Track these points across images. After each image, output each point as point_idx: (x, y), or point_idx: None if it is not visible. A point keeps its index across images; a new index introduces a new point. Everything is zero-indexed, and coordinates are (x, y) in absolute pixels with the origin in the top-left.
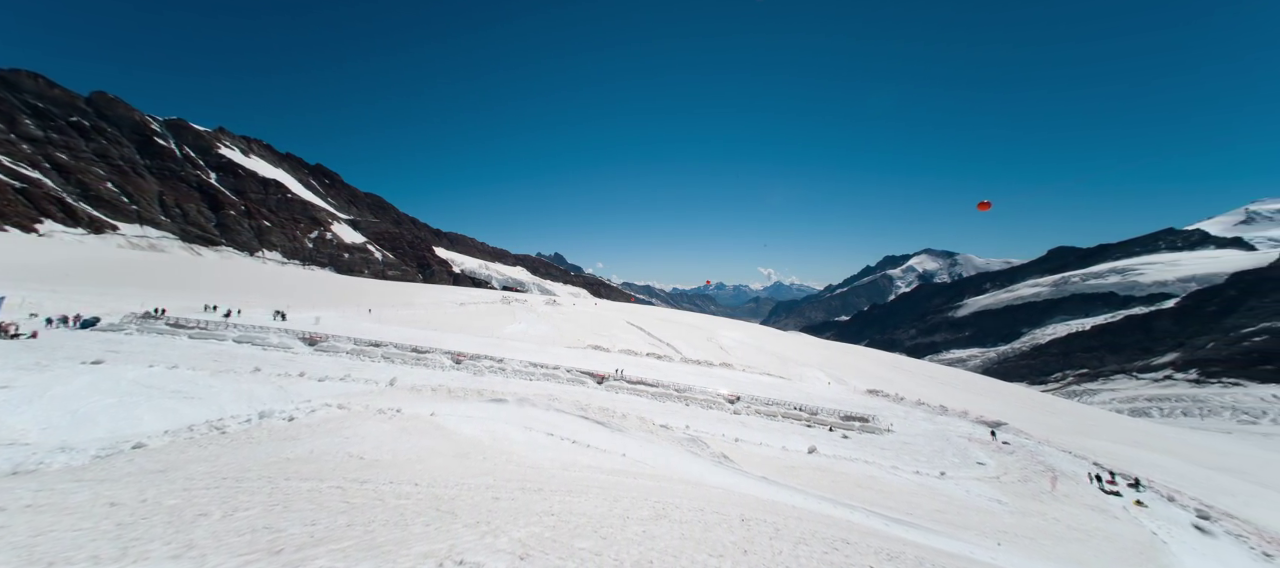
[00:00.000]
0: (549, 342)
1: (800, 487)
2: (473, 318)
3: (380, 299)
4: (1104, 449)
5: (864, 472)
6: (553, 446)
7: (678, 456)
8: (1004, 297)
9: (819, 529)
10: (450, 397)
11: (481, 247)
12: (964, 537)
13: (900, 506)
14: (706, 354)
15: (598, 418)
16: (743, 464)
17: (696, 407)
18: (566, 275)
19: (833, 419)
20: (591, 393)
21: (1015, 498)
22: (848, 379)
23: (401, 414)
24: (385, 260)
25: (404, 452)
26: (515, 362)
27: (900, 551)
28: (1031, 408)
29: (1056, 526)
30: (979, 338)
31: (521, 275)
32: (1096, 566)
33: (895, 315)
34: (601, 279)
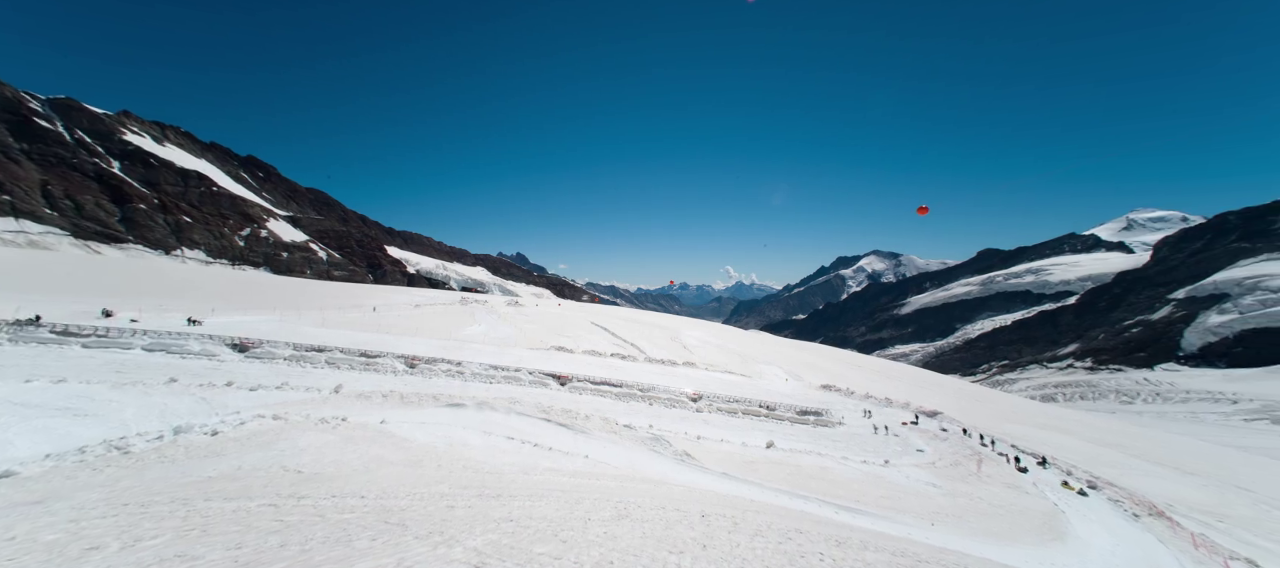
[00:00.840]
0: (510, 343)
1: (759, 481)
2: (429, 320)
3: (325, 301)
4: (1020, 433)
5: (817, 464)
6: (513, 450)
7: (641, 455)
8: (941, 295)
9: (775, 521)
10: (403, 403)
11: (438, 246)
12: (904, 520)
13: (849, 494)
14: (671, 354)
15: (560, 420)
16: (704, 461)
17: (660, 406)
18: (529, 276)
19: (790, 414)
20: (554, 395)
21: (948, 481)
22: (804, 375)
23: (347, 423)
24: (331, 260)
25: (349, 463)
26: (474, 365)
27: (847, 536)
28: (963, 398)
29: (980, 504)
30: (920, 334)
31: (482, 276)
32: (1011, 536)
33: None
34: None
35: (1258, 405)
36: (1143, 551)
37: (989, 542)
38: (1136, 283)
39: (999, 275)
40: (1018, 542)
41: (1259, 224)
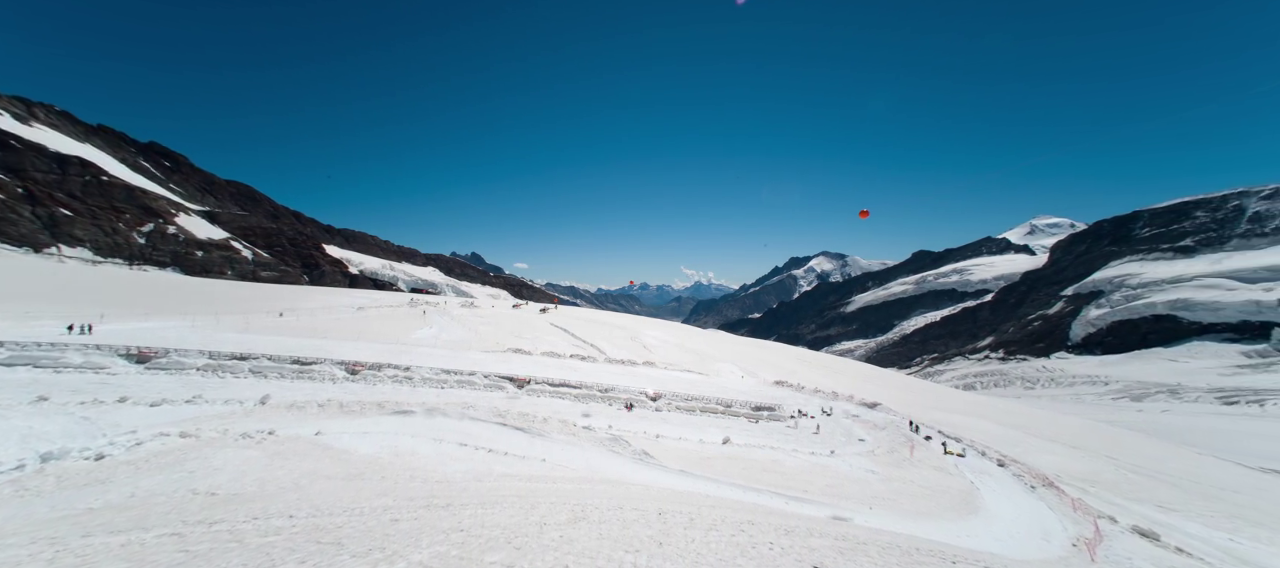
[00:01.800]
0: (464, 346)
1: (714, 476)
2: (373, 323)
3: (250, 304)
4: (946, 420)
5: (769, 457)
6: (466, 457)
7: (600, 456)
8: (881, 294)
9: (729, 515)
10: (343, 412)
11: (385, 246)
12: (846, 506)
13: (798, 485)
14: (630, 354)
15: (517, 424)
16: (663, 459)
17: (619, 406)
18: (485, 276)
19: (745, 411)
20: (511, 398)
21: (885, 467)
22: (758, 372)
23: (275, 437)
24: (258, 260)
25: (276, 480)
26: (425, 369)
27: (795, 525)
28: (899, 389)
29: (912, 486)
30: (863, 330)
31: (433, 276)
32: (935, 513)
33: (799, 311)
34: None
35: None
36: (1036, 517)
37: (917, 520)
38: (1038, 282)
39: (930, 275)
40: (941, 518)
41: (1124, 231)
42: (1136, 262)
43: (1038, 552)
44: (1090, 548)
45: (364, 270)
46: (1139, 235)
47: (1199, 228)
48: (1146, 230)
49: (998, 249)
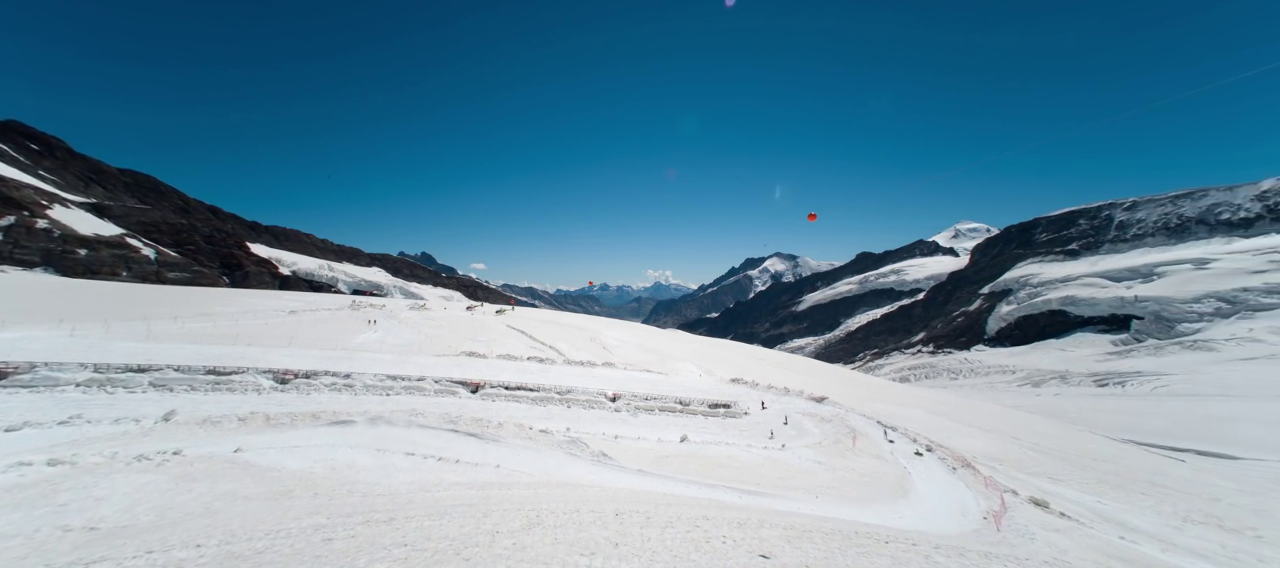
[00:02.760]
0: (414, 350)
1: (672, 474)
2: (308, 327)
3: (152, 308)
4: (885, 410)
5: (725, 453)
6: (413, 467)
7: (557, 459)
8: (829, 293)
9: (685, 511)
10: (269, 426)
11: (323, 244)
12: (794, 496)
13: (751, 478)
14: (590, 355)
15: (470, 430)
16: (621, 460)
17: (578, 408)
18: (437, 277)
19: (702, 409)
20: (464, 403)
21: (830, 458)
22: (715, 370)
23: (181, 457)
24: (163, 259)
25: (181, 507)
26: (368, 376)
27: (747, 518)
28: (844, 383)
29: (853, 474)
30: (813, 328)
31: (379, 277)
32: (872, 498)
33: (754, 311)
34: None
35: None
36: (955, 495)
37: (857, 506)
38: (961, 281)
39: (872, 275)
40: (877, 502)
41: (1027, 235)
42: (1037, 263)
43: (956, 526)
44: (997, 519)
45: (297, 271)
46: (1038, 240)
47: (1082, 234)
48: (1044, 235)
49: (929, 251)
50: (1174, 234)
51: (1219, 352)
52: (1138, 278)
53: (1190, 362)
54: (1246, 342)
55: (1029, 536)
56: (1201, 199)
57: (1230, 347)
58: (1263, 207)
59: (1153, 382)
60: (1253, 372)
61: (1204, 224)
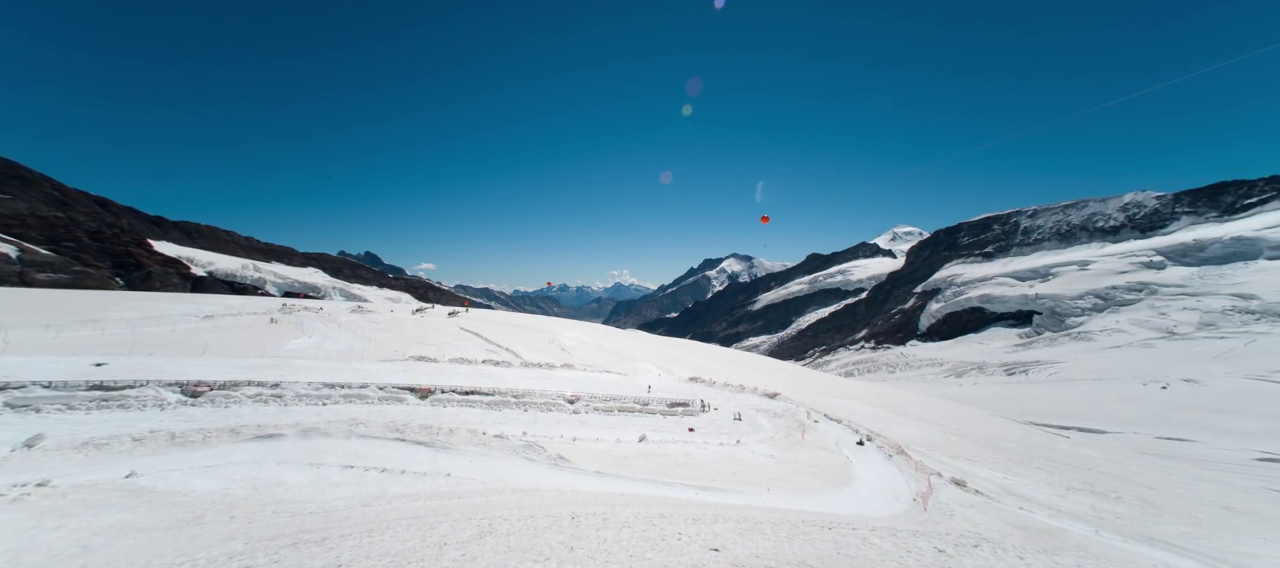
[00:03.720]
0: (355, 356)
1: (631, 474)
2: (229, 334)
3: (12, 317)
4: (832, 404)
5: (683, 451)
6: (352, 480)
7: (512, 464)
8: (782, 293)
9: (642, 511)
10: (175, 445)
11: (248, 243)
12: (748, 491)
13: (707, 475)
14: (548, 357)
15: (418, 438)
16: (579, 462)
17: (536, 411)
18: (383, 278)
19: (661, 408)
20: (412, 411)
21: (782, 451)
22: (675, 370)
23: (49, 489)
24: (29, 258)
25: (45, 547)
26: (300, 385)
27: (702, 514)
28: (795, 379)
29: (803, 466)
30: (767, 327)
31: (316, 278)
32: (819, 488)
33: (712, 310)
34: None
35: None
36: (890, 480)
37: (806, 495)
38: (899, 281)
39: (821, 276)
40: (824, 491)
41: (952, 239)
42: (961, 264)
43: (890, 509)
44: (923, 500)
45: (216, 272)
46: (961, 243)
47: (995, 238)
48: (966, 239)
49: (870, 253)
50: (1064, 239)
51: (1095, 341)
52: (1038, 278)
53: (1075, 351)
54: (1115, 332)
55: (950, 513)
56: (1084, 209)
57: (1103, 337)
58: (1125, 216)
59: (1048, 369)
60: (1119, 358)
61: (1085, 231)
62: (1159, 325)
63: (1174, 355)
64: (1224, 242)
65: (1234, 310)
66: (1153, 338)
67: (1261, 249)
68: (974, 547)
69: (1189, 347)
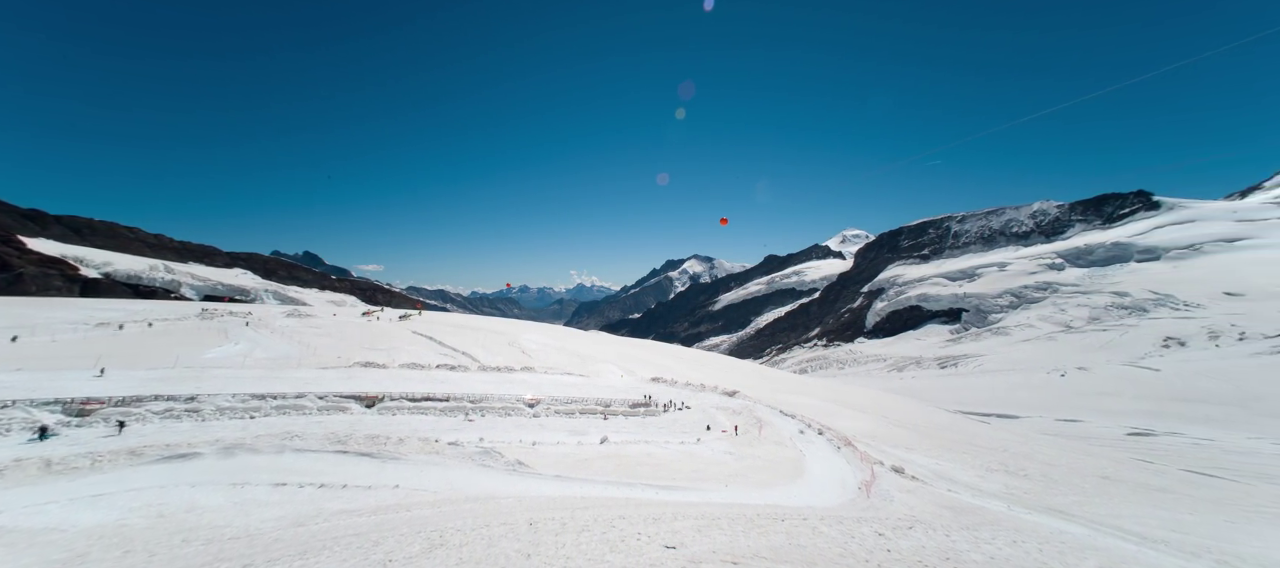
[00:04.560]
0: (291, 364)
1: (592, 476)
2: (132, 344)
3: None
4: (787, 400)
5: (644, 451)
6: (283, 500)
7: (467, 473)
8: (741, 293)
9: (602, 513)
10: (50, 474)
11: (157, 240)
12: (706, 487)
13: (668, 474)
14: (507, 360)
15: (363, 449)
16: (539, 467)
17: (494, 416)
18: (325, 280)
19: (623, 409)
20: (357, 420)
21: (740, 448)
22: (637, 371)
23: None
24: None
25: None
26: (223, 397)
27: (661, 513)
28: (753, 378)
29: (760, 462)
30: (727, 326)
31: (244, 280)
32: (774, 482)
33: (674, 311)
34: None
35: (892, 361)
36: (839, 471)
37: (762, 489)
38: (849, 281)
39: (777, 276)
40: (778, 485)
41: (894, 242)
42: (901, 265)
43: (838, 498)
44: (867, 488)
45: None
46: (902, 245)
47: (930, 241)
48: (906, 242)
49: (823, 255)
50: (987, 243)
51: (1011, 336)
52: (965, 278)
53: (995, 344)
54: (1026, 327)
55: (890, 499)
56: (1002, 215)
57: (1017, 331)
58: (1034, 223)
59: (974, 362)
60: (1029, 350)
61: (1004, 235)
62: (1060, 320)
63: (1071, 347)
64: (1106, 246)
65: (1114, 306)
66: (1055, 332)
67: (1132, 253)
68: (909, 529)
69: (1082, 339)
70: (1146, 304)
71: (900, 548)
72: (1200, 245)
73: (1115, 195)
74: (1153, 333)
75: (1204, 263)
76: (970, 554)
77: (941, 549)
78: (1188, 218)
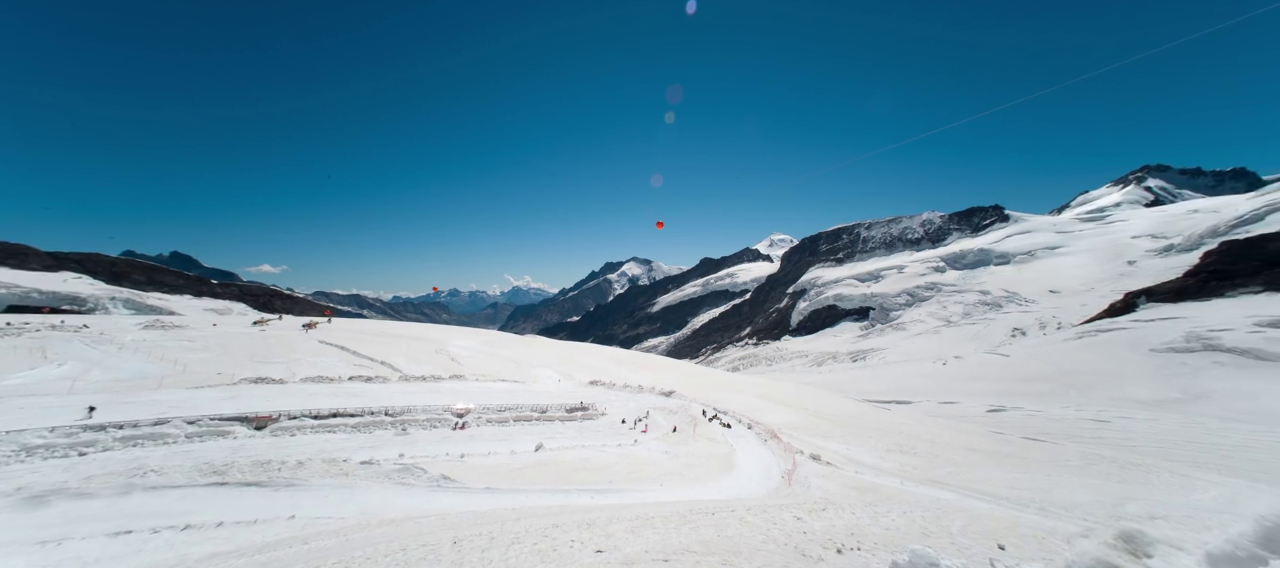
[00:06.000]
0: (148, 385)
1: (525, 486)
2: None
3: None
4: (720, 397)
5: (580, 456)
6: (127, 552)
7: (381, 494)
8: (678, 295)
9: (534, 524)
10: None
11: None
12: (642, 488)
13: (604, 477)
14: (434, 368)
15: (248, 478)
16: (467, 480)
17: (417, 429)
18: (202, 285)
19: (560, 414)
20: (241, 445)
21: (675, 447)
22: (575, 374)
23: None
24: None
25: None
26: (31, 433)
27: (596, 517)
28: (689, 377)
29: (694, 459)
30: (666, 327)
31: (77, 287)
32: (707, 477)
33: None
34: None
35: (812, 357)
36: (765, 463)
37: (695, 486)
38: (776, 283)
39: (712, 278)
40: (711, 480)
41: (814, 246)
42: (821, 268)
43: (764, 487)
44: (789, 477)
45: None
46: (821, 249)
47: (844, 246)
48: (824, 246)
49: (753, 258)
50: (889, 247)
51: (908, 330)
52: (872, 280)
53: (896, 339)
54: (919, 322)
55: (808, 484)
56: (900, 223)
57: (912, 326)
58: (923, 231)
59: (879, 355)
60: (921, 343)
61: (901, 241)
62: (943, 316)
63: (950, 339)
64: (974, 252)
65: (979, 303)
66: (940, 326)
67: (991, 258)
68: (822, 510)
69: (958, 331)
70: (1001, 301)
71: (814, 529)
72: (1034, 252)
73: (980, 208)
74: (1005, 325)
75: (1036, 266)
76: (871, 528)
77: (848, 526)
78: (1026, 229)
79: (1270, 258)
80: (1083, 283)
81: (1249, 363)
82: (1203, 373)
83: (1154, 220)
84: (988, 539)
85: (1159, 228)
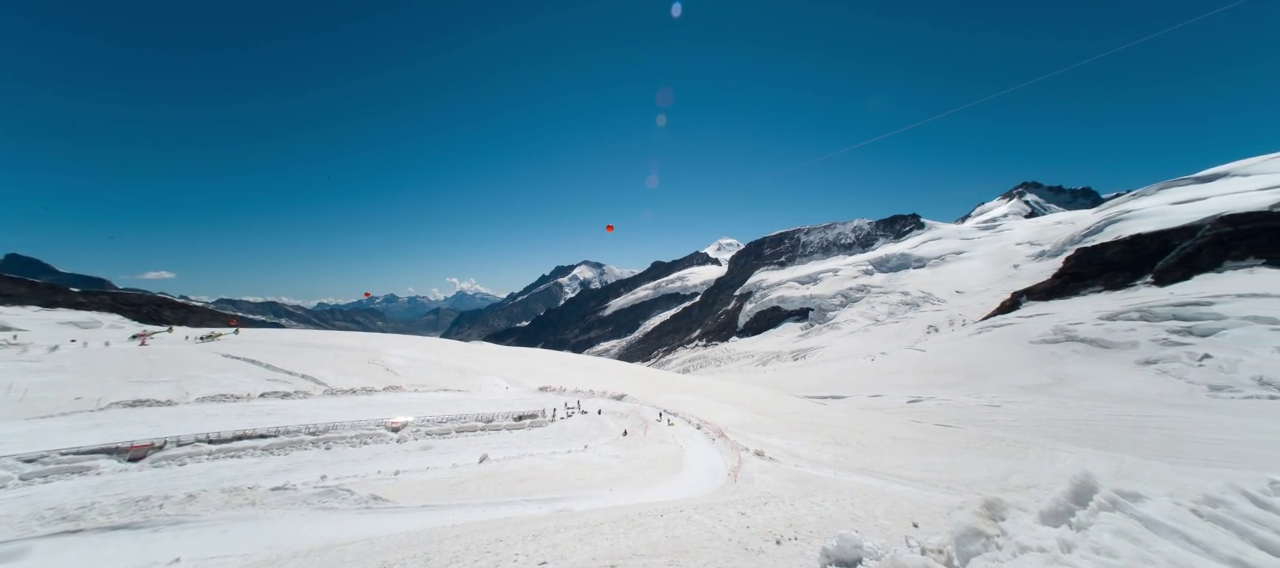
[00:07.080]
0: None
1: (467, 501)
2: None
3: None
4: (671, 399)
5: (528, 465)
6: None
7: (298, 522)
8: (630, 298)
9: (475, 540)
10: None
11: None
12: (592, 493)
13: (553, 486)
14: (366, 380)
15: (114, 521)
16: (401, 499)
17: (343, 447)
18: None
19: (507, 422)
20: (108, 482)
21: (626, 450)
22: (524, 381)
23: None
24: None
25: None
26: None
27: (542, 528)
28: (640, 380)
29: (645, 461)
30: (617, 331)
31: None
32: (657, 479)
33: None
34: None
35: (758, 357)
36: (713, 461)
37: (646, 488)
38: (724, 285)
39: (663, 281)
40: (661, 482)
41: (759, 250)
42: (765, 271)
43: (711, 485)
44: (735, 474)
45: None
46: (765, 253)
47: (786, 250)
48: (769, 250)
49: (702, 261)
50: (825, 251)
51: (842, 329)
52: (811, 282)
53: (832, 338)
54: (851, 322)
55: (752, 480)
56: (834, 229)
57: (846, 326)
58: (855, 237)
59: (818, 353)
60: (854, 341)
61: (836, 246)
62: (872, 315)
63: (878, 336)
64: (897, 256)
65: (901, 303)
66: (869, 325)
67: (911, 262)
68: (764, 504)
69: (884, 330)
70: (919, 301)
71: (757, 523)
72: (944, 257)
73: (901, 216)
74: (922, 323)
75: (946, 269)
76: (807, 517)
77: (788, 517)
78: (938, 235)
79: (1107, 262)
80: (981, 284)
81: (1096, 351)
82: (1065, 360)
83: (1031, 230)
84: (905, 519)
85: (1035, 236)
